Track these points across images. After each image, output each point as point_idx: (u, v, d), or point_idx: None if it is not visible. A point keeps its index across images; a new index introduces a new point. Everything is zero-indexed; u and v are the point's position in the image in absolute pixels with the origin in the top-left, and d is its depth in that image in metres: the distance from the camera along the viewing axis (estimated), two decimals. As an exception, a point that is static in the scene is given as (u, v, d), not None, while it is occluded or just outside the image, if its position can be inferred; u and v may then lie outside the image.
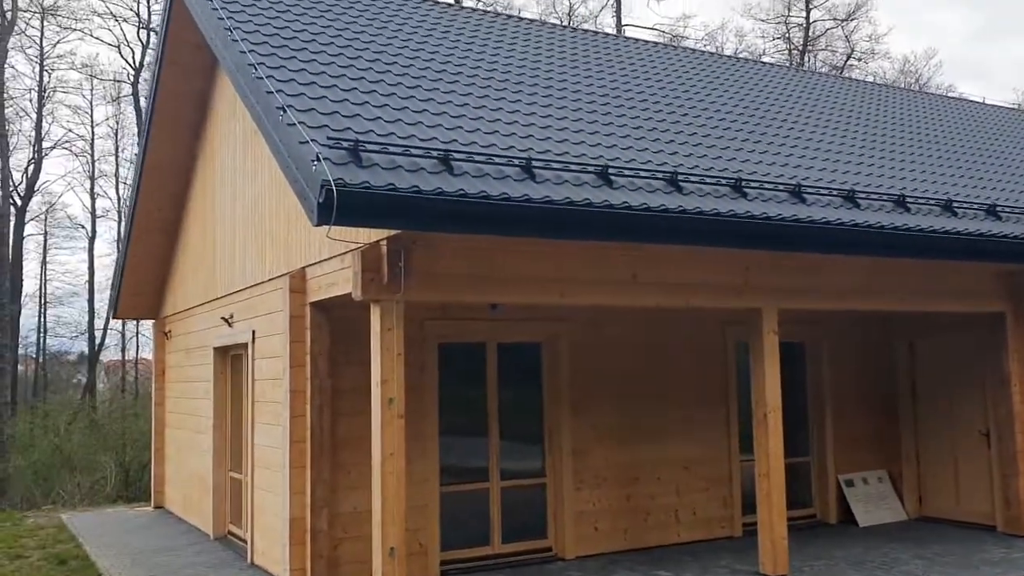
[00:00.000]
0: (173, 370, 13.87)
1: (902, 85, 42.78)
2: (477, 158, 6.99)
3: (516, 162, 7.13)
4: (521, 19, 13.47)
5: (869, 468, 11.65)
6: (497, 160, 7.07)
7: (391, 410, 6.77)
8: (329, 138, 6.52)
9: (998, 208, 9.86)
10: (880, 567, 8.83)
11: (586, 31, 14.53)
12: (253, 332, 9.74)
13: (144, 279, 14.02)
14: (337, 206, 5.89)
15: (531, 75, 10.13)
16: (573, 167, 7.39)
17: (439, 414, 8.93)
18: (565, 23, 38.86)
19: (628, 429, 9.90)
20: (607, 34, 15.28)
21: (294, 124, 6.71)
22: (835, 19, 40.37)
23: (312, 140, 6.44)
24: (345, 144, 6.50)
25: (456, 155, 6.88)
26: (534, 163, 7.17)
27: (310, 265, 8.29)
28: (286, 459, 8.23)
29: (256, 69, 7.56)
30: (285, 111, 6.86)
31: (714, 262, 8.37)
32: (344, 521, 8.31)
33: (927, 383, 11.53)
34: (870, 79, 41.10)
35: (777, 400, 8.67)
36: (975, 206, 9.74)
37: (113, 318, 15.44)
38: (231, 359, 11.23)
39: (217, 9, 8.84)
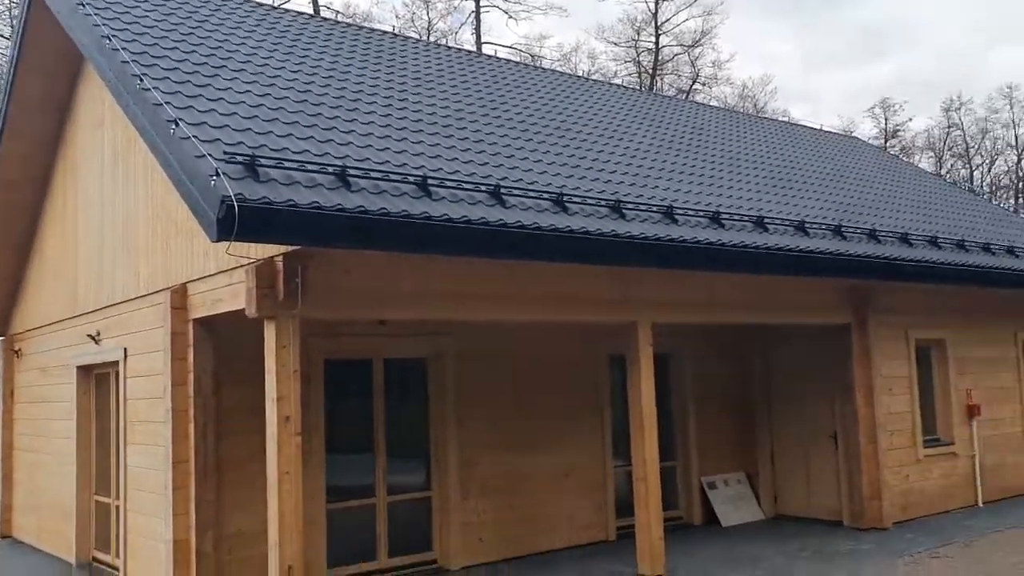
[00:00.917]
0: (24, 390, 13.07)
1: (741, 109, 45.51)
2: (373, 175, 7.08)
3: (411, 179, 7.26)
4: (396, 35, 13.58)
5: (729, 471, 12.38)
6: (393, 177, 7.18)
7: (287, 428, 6.72)
8: (225, 152, 6.44)
9: (843, 228, 10.77)
10: (746, 563, 9.44)
11: (461, 49, 14.82)
12: (125, 350, 9.37)
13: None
14: (238, 222, 5.84)
15: (413, 92, 10.27)
16: (467, 186, 7.59)
17: (325, 430, 8.88)
18: (425, 38, 39.11)
19: (512, 440, 10.15)
20: (479, 53, 15.61)
21: (188, 138, 6.59)
22: (682, 45, 42.47)
23: (208, 155, 6.36)
24: (241, 159, 6.44)
25: (352, 171, 6.94)
26: (430, 181, 7.32)
27: (192, 281, 8.10)
28: (168, 480, 7.98)
29: (142, 80, 7.35)
30: (177, 124, 6.72)
31: (595, 278, 8.74)
32: (230, 542, 8.14)
33: (781, 389, 12.39)
34: (714, 103, 43.53)
35: (652, 408, 9.14)
36: (824, 227, 10.59)
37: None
38: (95, 378, 10.73)
39: (91, 15, 8.52)
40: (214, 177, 6.03)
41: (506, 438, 10.12)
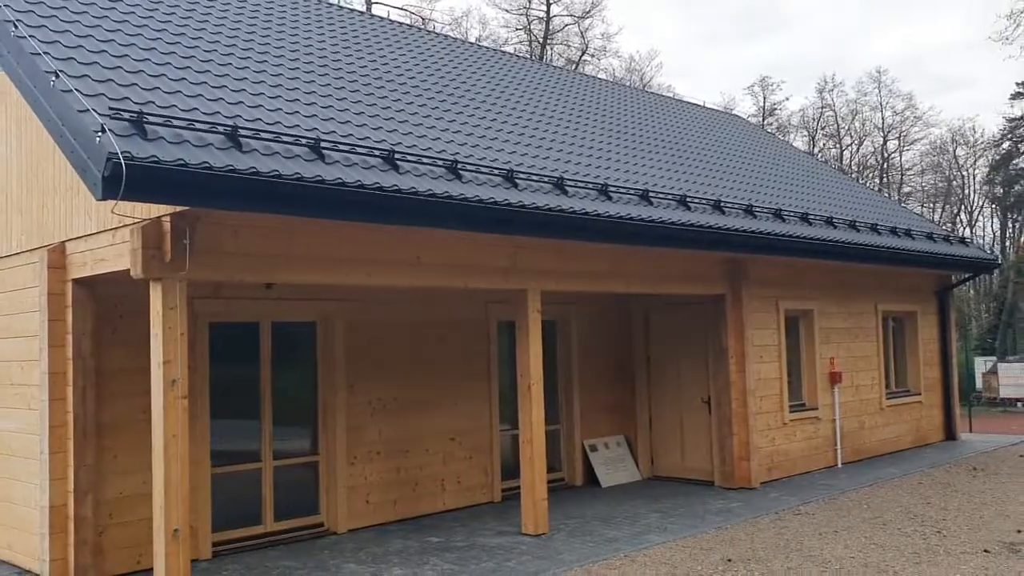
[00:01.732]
0: None
1: (628, 82, 46.32)
2: (264, 135, 6.98)
3: (304, 142, 7.20)
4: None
5: (610, 434, 12.86)
6: (285, 139, 7.10)
7: (173, 391, 6.63)
8: (110, 108, 6.24)
9: (722, 203, 11.26)
10: (625, 522, 9.87)
11: (352, 10, 14.57)
12: (-6, 310, 8.95)
13: None
14: (125, 180, 5.70)
15: (305, 53, 10.10)
16: (360, 150, 7.57)
17: (210, 394, 8.76)
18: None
19: (400, 403, 10.25)
20: (371, 15, 15.37)
21: (69, 91, 6.34)
22: (572, 16, 42.79)
23: (92, 109, 6.14)
24: (127, 115, 6.25)
25: (243, 132, 6.82)
26: (323, 144, 7.27)
27: (72, 240, 7.81)
28: (45, 445, 7.73)
29: (16, 27, 6.99)
30: (57, 76, 6.45)
31: (487, 246, 8.89)
32: (110, 507, 7.97)
33: (660, 355, 12.90)
34: (601, 75, 44.13)
35: (539, 373, 9.40)
36: (704, 201, 11.04)
37: None
38: (-40, 339, 10.19)
39: (-41, -46, 7.99)
40: (99, 133, 5.84)
41: (395, 402, 10.21)
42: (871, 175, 53.64)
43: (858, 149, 54.00)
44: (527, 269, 9.28)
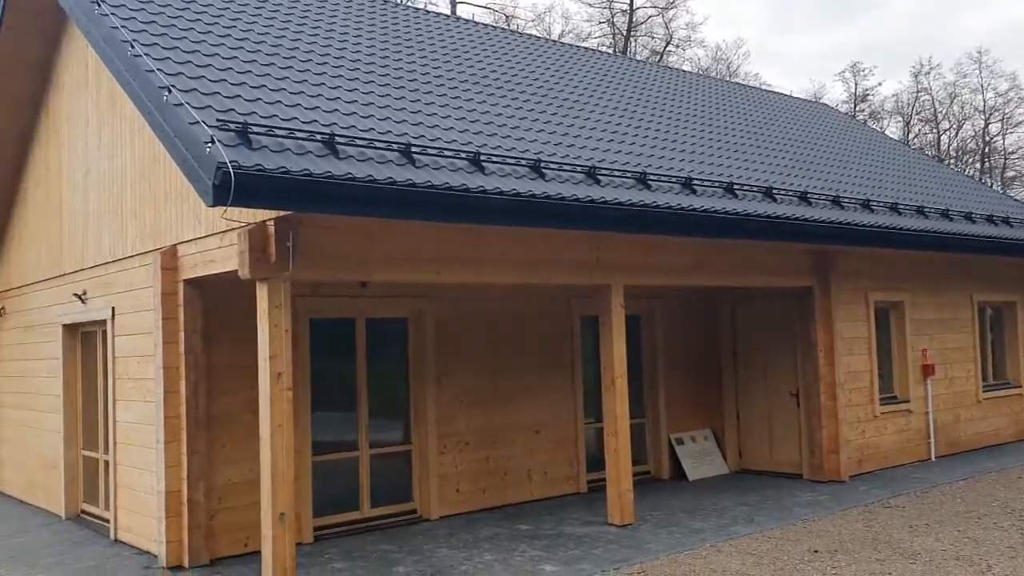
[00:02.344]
0: (7, 348, 13.25)
1: (715, 72, 45.75)
2: (359, 142, 7.35)
3: (395, 147, 7.54)
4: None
5: (696, 427, 12.92)
6: (378, 144, 7.46)
7: (279, 384, 7.06)
8: (218, 120, 6.69)
9: (809, 195, 11.21)
10: (711, 513, 9.97)
11: (439, 14, 14.96)
12: (113, 309, 9.62)
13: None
14: (234, 188, 6.12)
15: (394, 58, 10.49)
16: (447, 153, 7.89)
17: (311, 387, 9.22)
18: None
19: (487, 396, 10.56)
20: (456, 17, 15.73)
21: (180, 104, 6.82)
22: (656, 7, 42.50)
23: (201, 121, 6.60)
24: (233, 126, 6.69)
25: (339, 139, 7.21)
26: (412, 148, 7.61)
27: (183, 243, 8.35)
28: (160, 435, 8.31)
29: (133, 47, 7.54)
30: (170, 91, 6.94)
31: (570, 242, 9.10)
32: (219, 493, 8.50)
33: (747, 349, 12.89)
34: (687, 65, 43.73)
35: (623, 367, 9.57)
36: (790, 193, 11.01)
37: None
38: (81, 336, 10.97)
39: (78, -20, 8.64)
40: (209, 144, 6.29)
41: (482, 395, 10.53)
42: (971, 160, 51.69)
43: (956, 133, 52.06)
44: (610, 264, 9.46)
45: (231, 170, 6.10)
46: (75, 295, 10.44)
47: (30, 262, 12.24)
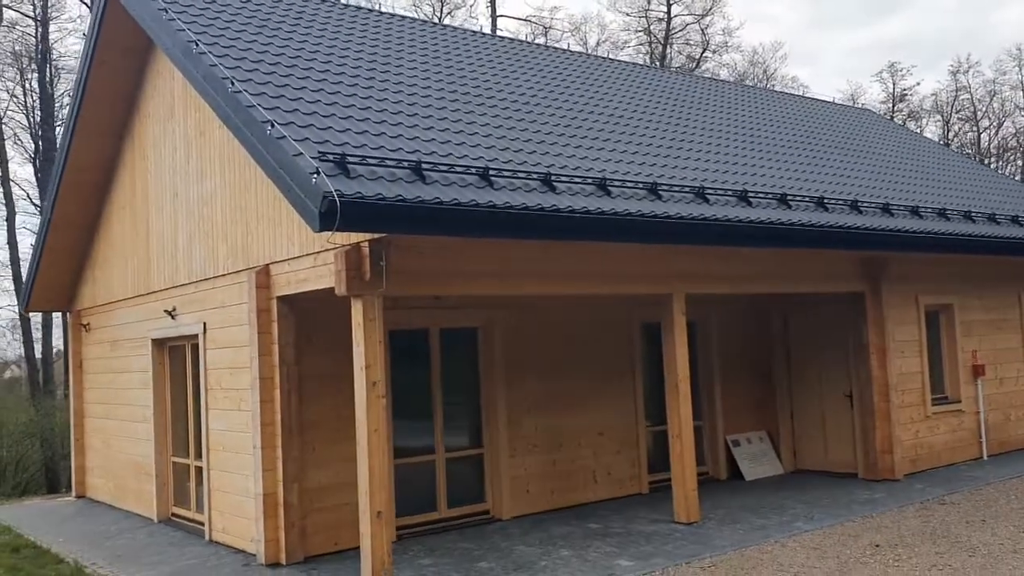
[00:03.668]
0: (93, 362, 14.03)
1: (752, 76, 45.95)
2: (441, 167, 7.92)
3: (474, 171, 8.11)
4: (437, 24, 14.34)
5: (752, 429, 13.33)
6: (458, 169, 8.03)
7: (375, 391, 7.65)
8: (318, 152, 7.29)
9: (859, 203, 11.60)
10: (772, 511, 10.41)
11: (501, 37, 15.58)
12: (204, 324, 10.29)
13: (59, 272, 14.08)
14: (340, 215, 6.72)
15: (460, 82, 11.08)
16: (521, 175, 8.43)
17: (391, 394, 9.80)
18: (437, 9, 39.62)
19: (553, 401, 11.09)
20: (520, 40, 16.34)
21: (283, 137, 7.45)
22: (693, 14, 42.84)
23: (303, 153, 7.21)
24: (332, 157, 7.29)
25: (425, 165, 7.79)
26: (490, 172, 8.17)
27: (276, 262, 8.98)
28: (257, 441, 8.93)
29: (233, 84, 8.19)
30: (273, 126, 7.57)
31: (634, 254, 9.61)
32: (311, 495, 9.11)
33: (800, 352, 13.30)
34: (724, 71, 44.00)
35: (686, 371, 10.05)
36: (841, 202, 11.42)
37: (24, 311, 15.31)
38: (169, 350, 11.68)
39: (175, 19, 9.32)
40: (315, 175, 6.89)
41: (549, 400, 11.06)
42: (1012, 157, 51.23)
43: (997, 131, 51.63)
44: (672, 274, 9.95)
45: (336, 198, 6.69)
46: (165, 311, 11.14)
47: (116, 281, 13.00)
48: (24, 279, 15.55)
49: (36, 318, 30.45)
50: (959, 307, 13.63)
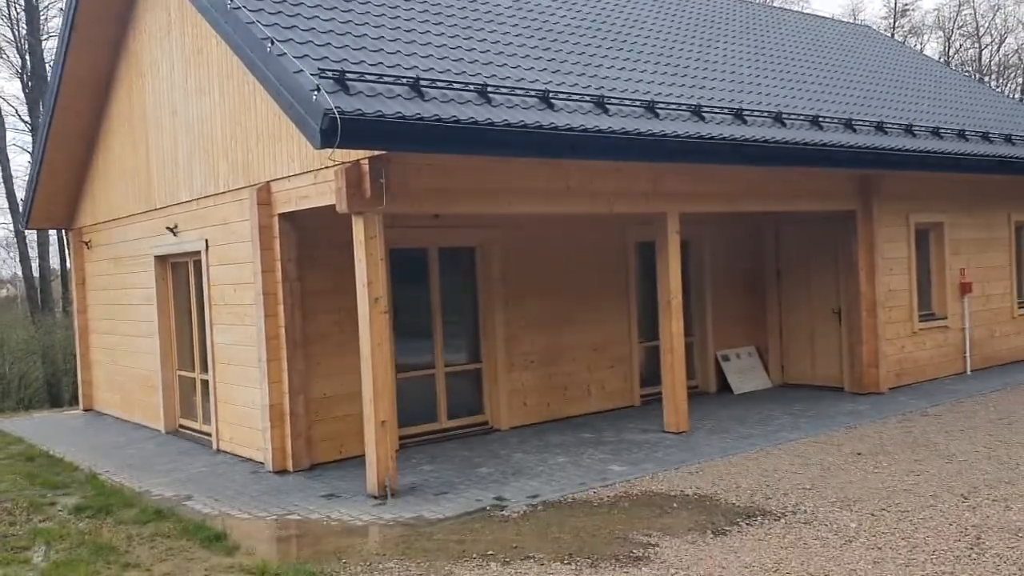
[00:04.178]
0: (95, 279, 14.23)
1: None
2: (439, 84, 7.99)
3: (472, 87, 8.18)
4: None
5: (741, 344, 13.68)
6: (456, 86, 8.10)
7: (377, 307, 7.89)
8: (318, 68, 7.36)
9: (853, 122, 11.69)
10: (758, 422, 10.79)
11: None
12: (206, 241, 10.46)
13: (59, 188, 14.16)
14: (341, 132, 6.83)
15: (462, 2, 11.01)
16: (519, 92, 8.51)
17: (391, 310, 10.03)
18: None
19: (549, 318, 11.37)
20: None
21: (283, 54, 7.50)
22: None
23: (303, 70, 7.28)
24: (331, 74, 7.37)
25: (423, 82, 7.85)
26: (488, 88, 8.24)
27: (276, 180, 9.10)
28: (263, 354, 9.20)
29: (232, 0, 8.18)
30: (273, 43, 7.61)
31: (630, 173, 9.74)
32: (316, 406, 9.43)
33: (790, 270, 13.54)
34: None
35: (679, 288, 10.29)
36: (836, 120, 11.50)
37: (25, 228, 15.44)
38: (171, 266, 11.87)
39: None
40: (315, 92, 6.98)
41: (545, 317, 11.33)
42: (1013, 75, 50.75)
43: (999, 48, 51.02)
44: (667, 193, 10.10)
45: (337, 116, 6.81)
46: (168, 228, 11.29)
47: (116, 198, 13.10)
48: (24, 195, 15.58)
49: (32, 236, 30.52)
50: (949, 225, 13.84)
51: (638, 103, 9.46)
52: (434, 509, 7.52)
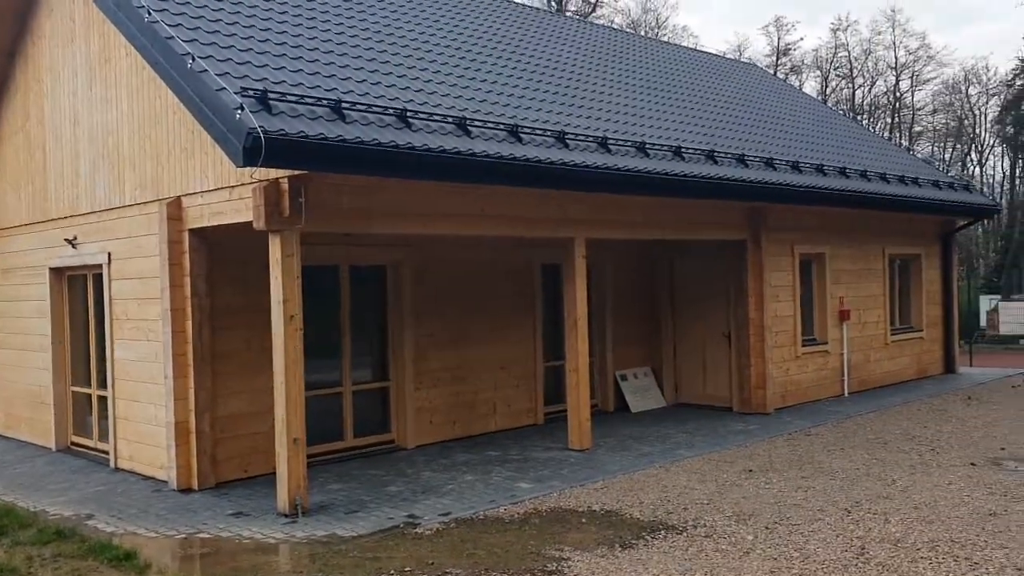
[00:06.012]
0: (-20, 290, 13.60)
1: (644, 24, 46.68)
2: (359, 107, 8.13)
3: (391, 111, 8.36)
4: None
5: (638, 365, 14.20)
6: (376, 110, 8.26)
7: (292, 324, 7.93)
8: (241, 87, 7.40)
9: (745, 157, 12.40)
10: (656, 440, 11.26)
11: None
12: (109, 254, 10.23)
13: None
14: (264, 151, 6.90)
15: (384, 25, 11.16)
16: (437, 118, 8.73)
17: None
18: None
19: (457, 337, 11.57)
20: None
21: (204, 71, 7.50)
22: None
23: (226, 88, 7.31)
24: (253, 93, 7.41)
25: (344, 104, 7.98)
26: (407, 113, 8.43)
27: (188, 195, 9.02)
28: (169, 371, 9.06)
29: (149, 13, 8.11)
30: (194, 59, 7.60)
31: (541, 200, 10.06)
32: (223, 424, 9.34)
33: (684, 295, 14.17)
34: (618, 18, 44.53)
35: (584, 310, 10.67)
36: (729, 155, 12.18)
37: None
38: (68, 279, 11.52)
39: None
40: (239, 111, 7.02)
41: (453, 335, 11.53)
42: (882, 115, 54.13)
43: (870, 89, 54.40)
44: (575, 219, 10.48)
45: (261, 135, 6.87)
46: (66, 240, 10.96)
47: (9, 208, 12.60)
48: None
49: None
50: (830, 256, 14.76)
51: (549, 133, 9.82)
52: (347, 527, 7.58)
